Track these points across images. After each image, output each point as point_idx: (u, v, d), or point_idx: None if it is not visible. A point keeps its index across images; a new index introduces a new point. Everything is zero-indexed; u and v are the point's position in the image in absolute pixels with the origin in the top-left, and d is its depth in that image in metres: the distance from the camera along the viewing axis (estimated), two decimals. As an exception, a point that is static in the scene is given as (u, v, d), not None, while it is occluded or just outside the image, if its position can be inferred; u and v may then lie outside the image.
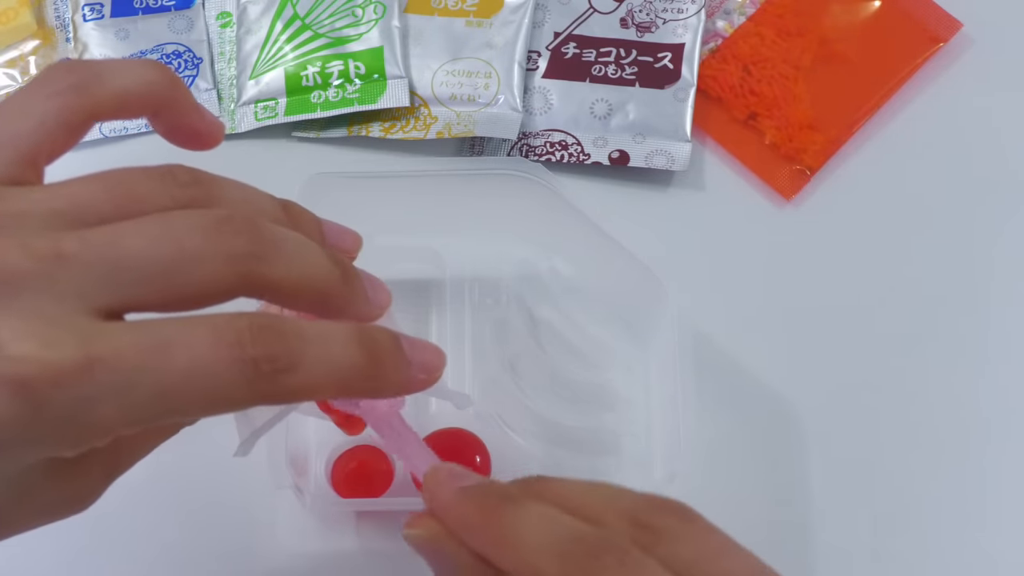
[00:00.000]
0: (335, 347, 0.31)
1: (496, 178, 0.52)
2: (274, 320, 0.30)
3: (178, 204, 0.31)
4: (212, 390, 0.29)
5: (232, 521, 0.52)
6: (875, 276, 0.58)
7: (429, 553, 0.34)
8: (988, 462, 0.54)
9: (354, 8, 0.62)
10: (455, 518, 0.34)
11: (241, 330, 0.29)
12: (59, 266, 0.28)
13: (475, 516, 0.33)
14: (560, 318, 0.55)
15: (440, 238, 0.55)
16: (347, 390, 0.32)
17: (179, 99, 0.35)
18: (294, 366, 0.30)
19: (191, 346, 0.28)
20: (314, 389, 0.31)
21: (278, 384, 0.29)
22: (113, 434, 0.28)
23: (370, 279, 0.36)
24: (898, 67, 0.62)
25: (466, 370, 0.53)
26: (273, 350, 0.29)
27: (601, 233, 0.51)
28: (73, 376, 0.27)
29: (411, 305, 0.55)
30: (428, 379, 0.34)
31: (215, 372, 0.28)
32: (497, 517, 0.33)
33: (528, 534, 0.32)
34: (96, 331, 0.28)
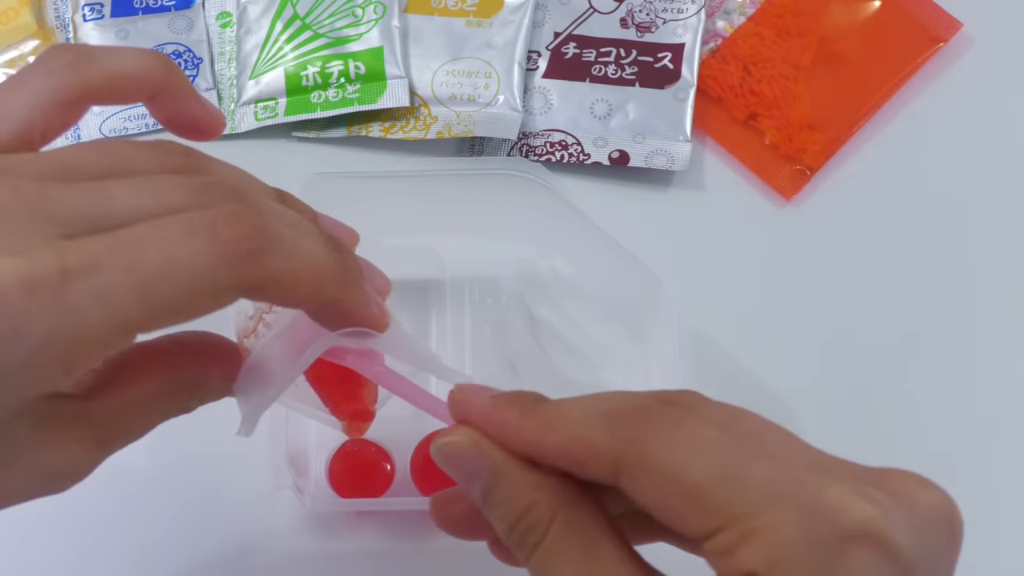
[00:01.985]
0: (310, 242, 0.31)
1: (496, 178, 0.52)
2: (244, 207, 0.30)
3: (166, 170, 0.31)
4: (192, 277, 0.28)
5: (232, 522, 0.52)
6: (875, 276, 0.58)
7: (465, 460, 0.34)
8: (988, 462, 0.54)
9: (354, 8, 0.62)
10: (494, 420, 0.34)
11: (213, 216, 0.29)
12: (42, 201, 0.28)
13: (514, 414, 0.34)
14: (560, 318, 0.55)
15: (440, 238, 0.56)
16: (320, 292, 0.32)
17: (176, 85, 0.35)
18: (271, 247, 0.30)
19: (164, 239, 0.28)
20: (293, 278, 0.31)
21: (256, 263, 0.29)
22: (103, 345, 0.28)
23: (367, 265, 0.36)
24: (898, 67, 0.62)
25: (465, 369, 0.53)
26: (247, 230, 0.29)
27: (601, 233, 0.51)
28: (49, 285, 0.27)
29: (411, 305, 0.55)
30: (382, 318, 0.35)
31: (191, 259, 0.28)
32: (537, 409, 0.33)
33: (571, 411, 0.33)
34: (71, 244, 0.28)
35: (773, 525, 0.29)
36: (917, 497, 0.31)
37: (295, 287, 0.31)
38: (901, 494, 0.31)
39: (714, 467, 0.30)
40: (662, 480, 0.30)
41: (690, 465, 0.30)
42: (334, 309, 0.33)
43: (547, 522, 0.32)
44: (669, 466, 0.30)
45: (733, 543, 0.29)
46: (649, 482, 0.31)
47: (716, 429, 0.31)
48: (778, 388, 0.55)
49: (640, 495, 0.31)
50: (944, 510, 0.31)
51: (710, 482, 0.30)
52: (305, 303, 0.32)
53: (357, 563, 0.52)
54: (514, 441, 0.33)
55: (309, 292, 0.32)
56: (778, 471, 0.30)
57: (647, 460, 0.31)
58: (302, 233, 0.31)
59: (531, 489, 0.33)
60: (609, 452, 0.31)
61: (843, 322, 0.57)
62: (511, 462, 0.33)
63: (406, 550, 0.52)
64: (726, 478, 0.30)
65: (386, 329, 0.35)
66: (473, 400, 0.35)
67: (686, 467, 0.30)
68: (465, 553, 0.51)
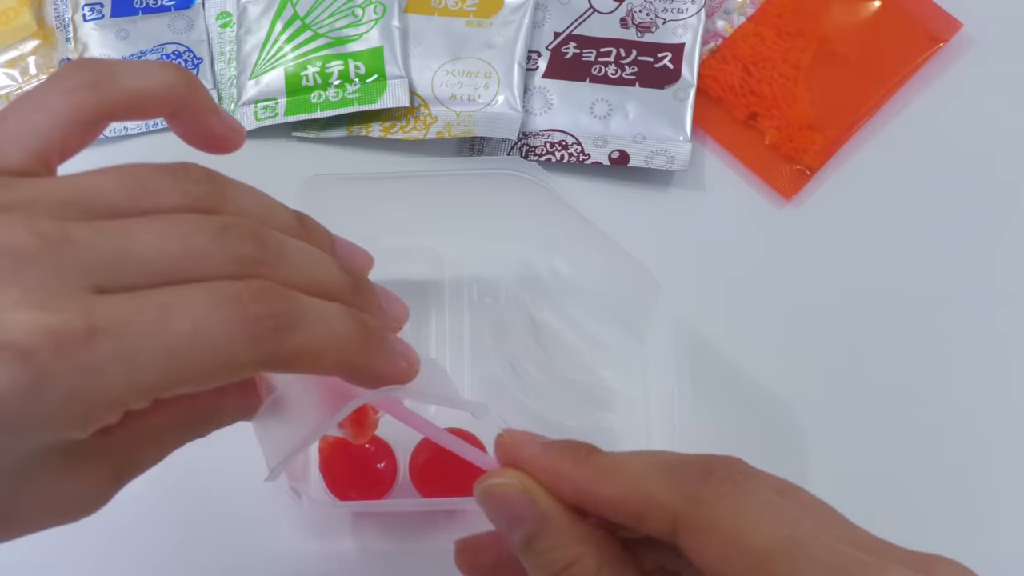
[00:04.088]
0: (331, 313, 0.31)
1: (494, 178, 0.52)
2: (272, 283, 0.30)
3: (189, 199, 0.31)
4: (216, 350, 0.28)
5: (231, 524, 0.52)
6: (875, 276, 0.58)
7: (512, 504, 0.34)
8: (988, 461, 0.54)
9: (354, 8, 0.62)
10: (546, 466, 0.34)
11: (240, 290, 0.29)
12: (65, 247, 0.28)
13: (567, 462, 0.33)
14: (559, 318, 0.55)
15: (438, 238, 0.55)
16: (345, 362, 0.32)
17: (198, 101, 0.35)
18: (295, 324, 0.30)
19: (192, 307, 0.28)
20: (316, 353, 0.31)
21: (281, 342, 0.29)
22: (122, 406, 0.28)
23: (385, 293, 0.36)
24: (898, 67, 0.62)
25: (465, 370, 0.53)
26: (274, 308, 0.29)
27: (599, 233, 0.51)
28: (76, 343, 0.27)
29: (410, 305, 0.55)
30: (409, 369, 0.34)
31: (217, 330, 0.28)
32: (592, 459, 0.33)
33: (629, 464, 0.33)
34: (98, 302, 0.28)
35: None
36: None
37: (318, 361, 0.31)
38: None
39: (780, 534, 0.30)
40: (726, 541, 0.30)
41: (756, 529, 0.30)
42: (361, 375, 0.33)
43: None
44: (734, 528, 0.30)
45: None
46: (712, 542, 0.30)
47: (778, 497, 0.31)
48: (777, 388, 0.55)
49: (700, 554, 0.31)
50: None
51: (775, 549, 0.30)
52: (330, 373, 0.32)
53: (357, 563, 0.52)
54: (567, 489, 0.33)
55: (333, 363, 0.32)
56: (838, 547, 0.30)
57: (712, 519, 0.30)
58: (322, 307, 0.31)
59: (577, 542, 0.33)
60: (670, 507, 0.31)
61: (842, 322, 0.57)
62: (561, 511, 0.33)
63: (406, 550, 0.52)
64: (791, 548, 0.30)
65: (415, 377, 0.35)
66: (524, 445, 0.35)
67: (751, 531, 0.30)
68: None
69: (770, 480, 0.32)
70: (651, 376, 0.53)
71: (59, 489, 0.31)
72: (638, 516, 0.32)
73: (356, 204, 0.53)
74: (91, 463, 0.31)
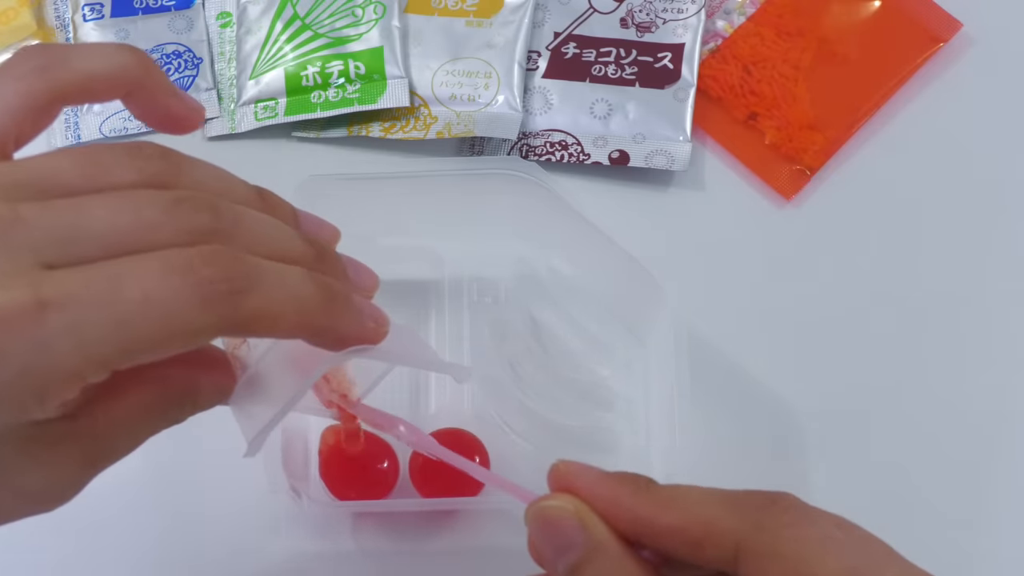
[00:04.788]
0: (291, 275, 0.31)
1: (492, 178, 0.52)
2: (225, 248, 0.30)
3: (144, 175, 0.31)
4: (169, 317, 0.28)
5: (230, 523, 0.52)
6: (875, 276, 0.58)
7: (564, 529, 0.33)
8: (988, 462, 0.54)
9: (354, 8, 0.62)
10: (603, 495, 0.33)
11: (191, 256, 0.29)
12: (16, 227, 0.28)
13: (627, 491, 0.33)
14: (559, 318, 0.55)
15: (438, 238, 0.55)
16: (306, 324, 0.31)
17: (152, 81, 0.35)
18: (251, 286, 0.29)
19: (143, 276, 0.28)
20: (275, 316, 0.30)
21: (237, 305, 0.29)
22: (77, 380, 0.28)
23: (352, 262, 0.36)
24: (898, 67, 0.61)
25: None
26: (227, 271, 0.29)
27: (598, 233, 0.51)
28: (25, 319, 0.27)
29: (409, 305, 0.55)
30: (378, 329, 0.34)
31: (169, 297, 0.28)
32: (652, 488, 0.33)
33: (689, 493, 0.33)
34: (47, 277, 0.28)
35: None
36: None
37: (277, 323, 0.31)
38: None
39: (843, 566, 0.30)
40: (789, 570, 0.30)
41: (820, 559, 0.30)
42: (326, 337, 0.33)
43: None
44: (799, 557, 0.30)
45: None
46: (775, 570, 0.30)
47: (839, 531, 0.31)
48: (777, 388, 0.55)
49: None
50: None
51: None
52: (293, 336, 0.32)
53: (357, 563, 0.52)
54: (624, 518, 0.33)
55: (294, 326, 0.31)
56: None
57: (776, 547, 0.30)
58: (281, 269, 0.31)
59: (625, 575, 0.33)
60: (732, 534, 0.31)
61: (842, 322, 0.57)
62: (613, 541, 0.33)
63: (405, 550, 0.52)
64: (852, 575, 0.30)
65: (384, 338, 0.35)
66: (580, 473, 0.34)
67: (816, 561, 0.30)
68: (465, 553, 0.51)
69: (828, 515, 0.32)
70: (651, 376, 0.53)
71: (29, 476, 0.31)
72: (698, 543, 0.32)
73: (355, 204, 0.53)
74: (60, 448, 0.31)
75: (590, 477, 0.34)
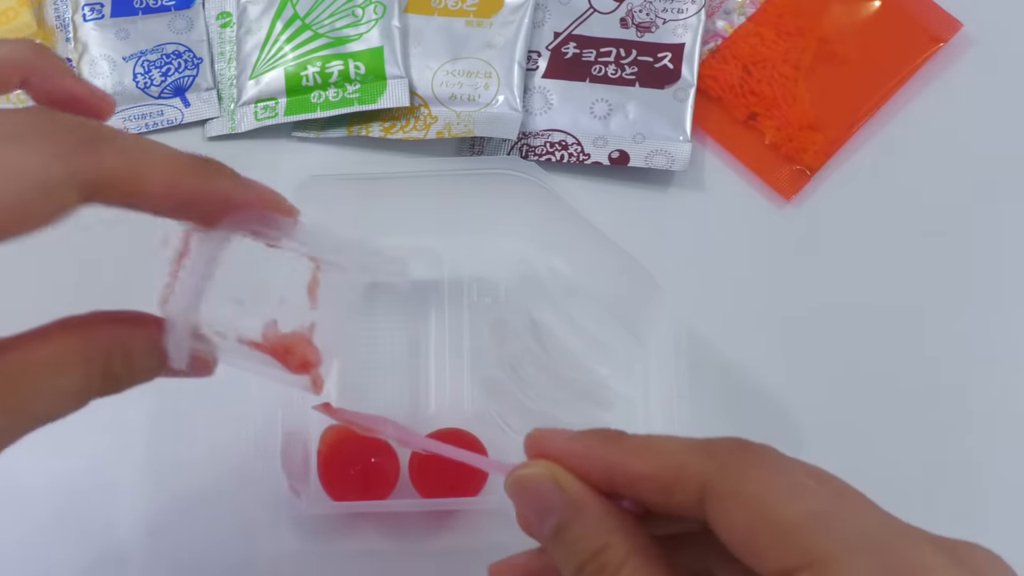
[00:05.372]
0: (155, 142, 0.31)
1: (492, 178, 0.52)
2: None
3: None
4: (21, 174, 0.28)
5: (231, 524, 0.52)
6: (874, 276, 0.58)
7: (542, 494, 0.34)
8: (988, 461, 0.54)
9: (354, 8, 0.62)
10: (577, 451, 0.34)
11: (44, 118, 0.29)
12: None
13: (597, 443, 0.33)
14: (559, 318, 0.55)
15: (438, 238, 0.56)
16: (177, 185, 0.31)
17: (46, 64, 0.35)
18: (105, 139, 0.29)
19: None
20: (136, 171, 0.30)
21: (92, 156, 0.29)
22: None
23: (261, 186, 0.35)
24: (898, 67, 0.61)
25: (465, 370, 0.53)
26: (76, 124, 0.29)
27: (598, 233, 0.51)
28: None
29: (409, 305, 0.55)
30: (273, 198, 0.34)
31: (21, 158, 0.28)
32: (622, 438, 0.33)
33: (659, 441, 0.33)
34: None
35: (855, 572, 0.28)
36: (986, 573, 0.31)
37: (142, 183, 0.30)
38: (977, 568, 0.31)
39: (808, 508, 0.30)
40: (753, 510, 0.30)
41: (785, 501, 0.30)
42: (208, 201, 0.32)
43: (617, 565, 0.32)
44: (763, 497, 0.30)
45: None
46: (739, 510, 0.30)
47: (811, 479, 0.31)
48: (777, 388, 0.55)
49: (726, 524, 0.30)
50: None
51: (802, 520, 0.29)
52: (164, 203, 0.31)
53: (356, 563, 0.52)
54: (598, 470, 0.33)
55: (162, 186, 0.30)
56: (867, 526, 0.30)
57: (742, 487, 0.30)
58: (146, 139, 0.30)
59: (607, 531, 0.32)
60: (700, 477, 0.31)
61: (842, 322, 0.57)
62: (591, 498, 0.33)
63: (405, 550, 0.52)
64: (818, 520, 0.29)
65: (293, 214, 0.34)
66: (553, 436, 0.34)
67: (780, 501, 0.30)
68: (464, 553, 0.51)
69: (804, 465, 0.32)
70: (651, 376, 0.53)
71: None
72: (667, 489, 0.32)
73: (354, 205, 0.53)
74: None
75: (562, 438, 0.34)
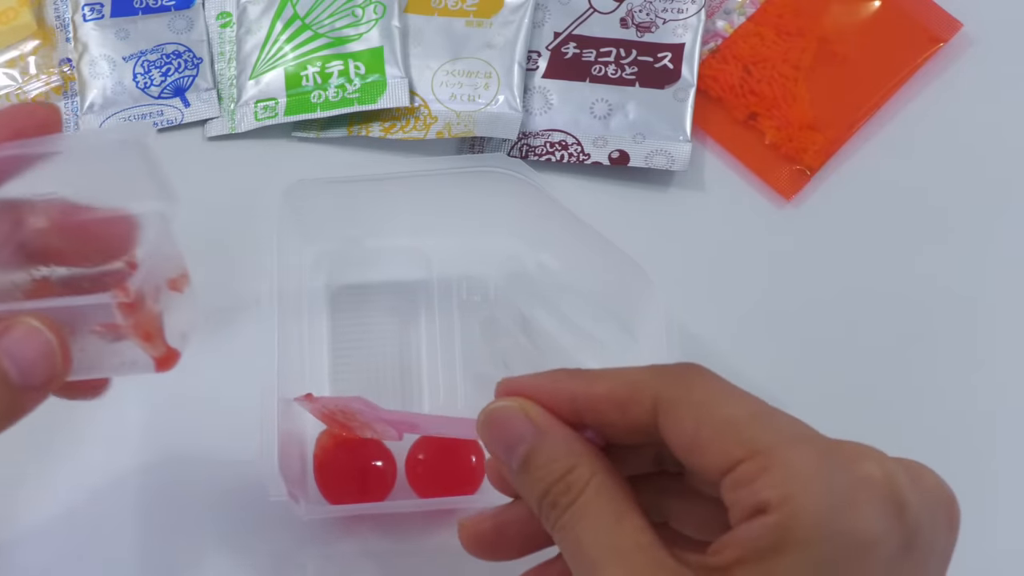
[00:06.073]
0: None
1: (478, 176, 0.52)
2: None
3: None
4: None
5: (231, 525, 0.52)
6: (874, 276, 0.58)
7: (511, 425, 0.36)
8: (988, 464, 0.54)
9: (354, 8, 0.62)
10: (543, 386, 0.36)
11: None
12: None
13: (561, 375, 0.36)
14: (549, 314, 0.55)
15: (425, 238, 0.55)
16: None
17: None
18: None
19: None
20: None
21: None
22: None
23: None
24: (898, 67, 0.61)
25: (457, 369, 0.53)
26: None
27: (586, 227, 0.51)
28: None
29: (399, 306, 0.55)
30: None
31: None
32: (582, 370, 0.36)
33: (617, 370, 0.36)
34: None
35: (793, 461, 0.31)
36: (923, 475, 0.33)
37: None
38: (910, 468, 0.33)
39: (748, 409, 0.33)
40: (698, 413, 0.33)
41: (726, 403, 0.33)
42: None
43: (583, 484, 0.34)
44: (706, 401, 0.33)
45: (752, 474, 0.31)
46: (686, 415, 0.33)
47: (753, 398, 0.34)
48: (776, 388, 0.55)
49: (674, 429, 0.33)
50: (946, 493, 0.33)
51: (743, 417, 0.33)
52: None
53: (355, 564, 0.52)
54: (563, 400, 0.36)
55: None
56: (803, 426, 0.33)
57: (688, 396, 0.33)
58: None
59: (573, 454, 0.35)
60: (652, 391, 0.34)
61: (842, 322, 0.57)
62: (557, 425, 0.36)
63: (404, 550, 0.52)
64: (757, 417, 0.33)
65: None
66: (521, 377, 0.37)
67: (722, 404, 0.33)
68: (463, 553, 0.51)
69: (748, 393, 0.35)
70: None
71: None
72: (624, 404, 0.34)
73: (341, 207, 0.53)
74: None
75: (529, 376, 0.37)
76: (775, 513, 0.30)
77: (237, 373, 0.49)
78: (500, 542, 0.39)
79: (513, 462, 0.36)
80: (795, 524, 0.30)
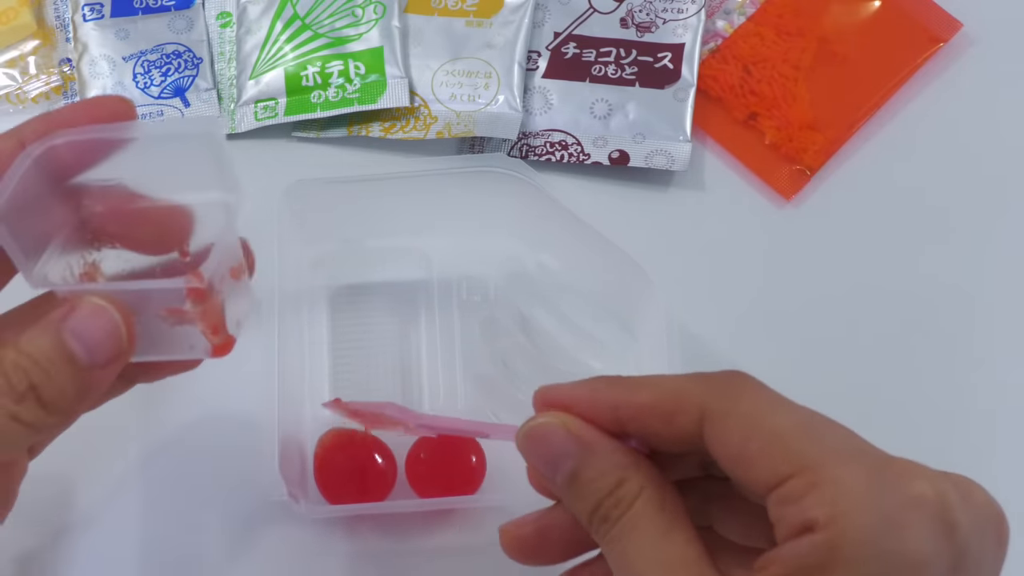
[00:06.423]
0: None
1: (479, 176, 0.52)
2: None
3: None
4: None
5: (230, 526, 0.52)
6: (874, 276, 0.58)
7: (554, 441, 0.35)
8: (989, 463, 0.54)
9: (354, 8, 0.62)
10: (583, 396, 0.36)
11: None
12: None
13: (601, 384, 0.36)
14: (549, 313, 0.55)
15: (425, 238, 0.56)
16: None
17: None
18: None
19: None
20: None
21: None
22: None
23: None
24: (898, 67, 0.61)
25: (457, 369, 0.53)
26: None
27: (586, 227, 0.51)
28: None
29: (399, 306, 0.55)
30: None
31: None
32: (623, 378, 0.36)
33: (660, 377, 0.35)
34: None
35: (842, 479, 0.31)
36: (972, 493, 0.33)
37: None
38: (960, 485, 0.32)
39: (795, 420, 0.33)
40: (745, 425, 0.32)
41: (773, 415, 0.33)
42: None
43: (632, 497, 0.34)
44: (754, 413, 0.33)
45: (800, 491, 0.31)
46: (733, 426, 0.33)
47: (802, 408, 0.33)
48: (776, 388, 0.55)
49: (721, 440, 0.33)
50: (996, 511, 0.33)
51: (790, 431, 0.32)
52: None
53: (355, 564, 0.52)
54: (604, 410, 0.35)
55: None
56: (850, 438, 0.33)
57: (735, 407, 0.33)
58: None
59: (621, 467, 0.34)
60: (698, 401, 0.33)
61: (842, 322, 0.57)
62: (602, 439, 0.35)
63: (404, 550, 0.52)
64: (805, 431, 0.32)
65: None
66: (559, 389, 0.36)
67: (769, 416, 0.33)
68: (463, 553, 0.51)
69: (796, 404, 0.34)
70: (644, 370, 0.53)
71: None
72: (670, 415, 0.34)
73: (341, 207, 0.53)
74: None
75: (567, 386, 0.36)
76: (823, 532, 0.30)
77: (237, 373, 0.49)
78: (543, 546, 0.38)
79: (559, 477, 0.35)
80: (843, 543, 0.30)
